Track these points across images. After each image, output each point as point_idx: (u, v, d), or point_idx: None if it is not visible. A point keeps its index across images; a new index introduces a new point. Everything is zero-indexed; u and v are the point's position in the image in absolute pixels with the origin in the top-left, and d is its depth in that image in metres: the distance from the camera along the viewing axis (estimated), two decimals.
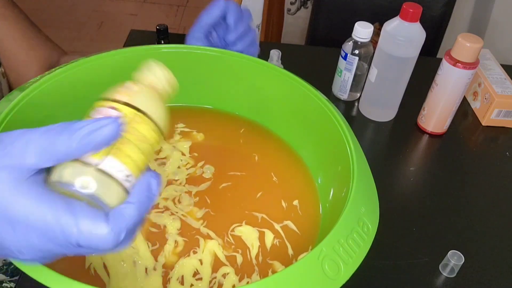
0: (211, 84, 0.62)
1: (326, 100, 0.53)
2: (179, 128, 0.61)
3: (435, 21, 1.14)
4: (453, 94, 0.70)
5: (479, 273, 0.56)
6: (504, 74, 0.81)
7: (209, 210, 0.51)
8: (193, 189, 0.53)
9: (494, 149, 0.75)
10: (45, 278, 0.33)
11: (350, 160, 0.46)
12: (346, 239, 0.39)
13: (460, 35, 0.67)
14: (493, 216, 0.63)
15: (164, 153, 0.57)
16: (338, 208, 0.45)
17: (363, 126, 0.77)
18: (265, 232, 0.50)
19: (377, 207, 0.44)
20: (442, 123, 0.74)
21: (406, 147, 0.74)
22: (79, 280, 0.32)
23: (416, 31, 0.67)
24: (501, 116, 0.77)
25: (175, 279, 0.45)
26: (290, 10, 1.72)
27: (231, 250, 0.48)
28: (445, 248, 0.56)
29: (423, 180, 0.69)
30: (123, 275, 0.44)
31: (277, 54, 0.80)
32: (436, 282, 0.54)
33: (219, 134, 0.61)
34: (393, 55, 0.69)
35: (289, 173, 0.57)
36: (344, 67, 0.76)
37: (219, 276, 0.46)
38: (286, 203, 0.53)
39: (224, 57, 0.59)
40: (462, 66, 0.66)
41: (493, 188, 0.68)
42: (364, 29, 0.72)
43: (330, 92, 0.82)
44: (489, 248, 0.59)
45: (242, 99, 0.62)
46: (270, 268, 0.47)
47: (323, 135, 0.54)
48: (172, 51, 0.59)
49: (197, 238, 0.48)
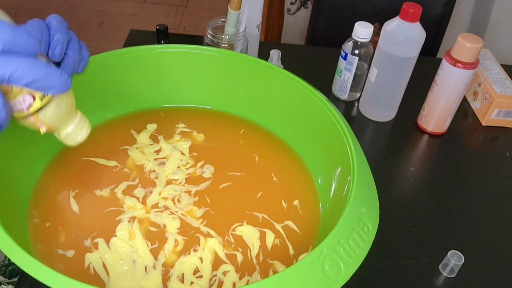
0: (211, 84, 0.62)
1: (326, 100, 0.53)
2: (179, 128, 0.61)
3: (435, 21, 1.14)
4: (453, 94, 0.70)
5: (479, 273, 0.56)
6: (504, 74, 0.81)
7: (208, 209, 0.51)
8: (193, 189, 0.53)
9: (494, 149, 0.75)
10: (45, 277, 0.33)
11: (350, 160, 0.46)
12: (347, 240, 0.39)
13: (460, 35, 0.67)
14: (493, 216, 0.63)
15: (164, 153, 0.57)
16: (338, 208, 0.45)
17: (363, 126, 0.77)
18: (266, 232, 0.50)
19: (377, 207, 0.44)
20: (442, 123, 0.74)
21: (406, 147, 0.74)
22: (79, 279, 0.32)
23: (416, 31, 0.67)
24: (501, 116, 0.77)
25: (175, 277, 0.45)
26: (290, 10, 1.72)
27: (231, 249, 0.48)
28: (445, 248, 0.56)
29: (423, 180, 0.69)
30: (123, 274, 0.44)
31: (277, 54, 0.80)
32: (436, 282, 0.54)
33: (219, 135, 0.61)
34: (393, 55, 0.69)
35: (289, 173, 0.57)
36: (344, 67, 0.76)
37: (220, 274, 0.46)
38: (286, 203, 0.53)
39: (224, 57, 0.59)
40: (462, 66, 0.66)
41: (493, 188, 0.68)
42: (364, 29, 0.72)
43: (330, 92, 0.82)
44: (489, 248, 0.59)
45: (242, 99, 0.62)
46: (270, 268, 0.47)
47: (323, 135, 0.54)
48: (172, 51, 0.59)
49: (197, 236, 0.48)
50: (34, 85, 0.34)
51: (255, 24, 0.78)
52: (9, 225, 0.39)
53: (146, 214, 0.50)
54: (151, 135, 0.59)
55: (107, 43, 2.19)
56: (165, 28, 0.80)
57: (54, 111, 0.39)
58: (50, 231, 0.47)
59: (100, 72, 0.56)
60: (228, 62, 0.59)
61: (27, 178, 0.51)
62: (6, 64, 0.31)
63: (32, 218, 0.48)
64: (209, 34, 0.70)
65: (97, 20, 2.35)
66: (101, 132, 0.59)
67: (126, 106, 0.62)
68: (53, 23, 0.45)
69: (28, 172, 0.51)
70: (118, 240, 0.47)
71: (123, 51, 0.57)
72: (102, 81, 0.57)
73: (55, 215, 0.49)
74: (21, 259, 0.34)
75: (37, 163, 0.53)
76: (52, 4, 2.42)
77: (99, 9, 2.43)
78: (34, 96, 0.36)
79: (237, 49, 0.71)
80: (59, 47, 0.44)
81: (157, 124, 0.61)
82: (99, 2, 2.48)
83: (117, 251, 0.46)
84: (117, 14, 2.41)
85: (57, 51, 0.45)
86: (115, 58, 0.57)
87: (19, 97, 0.36)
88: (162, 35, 0.80)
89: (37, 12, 2.34)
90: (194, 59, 0.60)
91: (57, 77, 0.35)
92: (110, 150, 0.56)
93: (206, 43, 0.71)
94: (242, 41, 0.72)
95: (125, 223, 0.49)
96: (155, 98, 0.63)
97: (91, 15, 2.38)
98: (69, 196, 0.51)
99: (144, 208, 0.51)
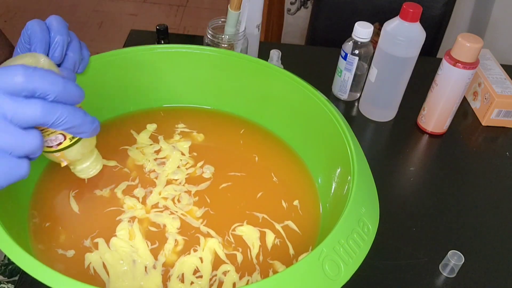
0: (211, 84, 0.62)
1: (326, 100, 0.53)
2: (179, 128, 0.61)
3: (435, 21, 1.14)
4: (453, 94, 0.70)
5: (479, 273, 0.56)
6: (504, 74, 0.81)
7: (208, 209, 0.51)
8: (193, 189, 0.53)
9: (494, 149, 0.75)
10: (45, 277, 0.33)
11: (350, 160, 0.46)
12: (347, 240, 0.39)
13: (460, 35, 0.67)
14: (493, 216, 0.63)
15: (164, 153, 0.57)
16: (338, 208, 0.45)
17: (363, 126, 0.77)
18: (266, 232, 0.50)
19: (377, 207, 0.44)
20: (442, 123, 0.74)
21: (406, 147, 0.74)
22: (79, 279, 0.32)
23: (416, 31, 0.67)
24: (501, 116, 0.77)
25: (175, 277, 0.45)
26: (290, 10, 1.72)
27: (231, 249, 0.48)
28: (445, 248, 0.56)
29: (423, 180, 0.69)
30: (123, 274, 0.44)
31: (277, 54, 0.80)
32: (436, 282, 0.54)
33: (219, 135, 0.61)
34: (393, 55, 0.69)
35: (289, 173, 0.57)
36: (344, 67, 0.76)
37: (220, 274, 0.46)
38: (286, 203, 0.53)
39: (224, 57, 0.59)
40: (462, 66, 0.66)
41: (493, 188, 0.68)
42: (364, 29, 0.72)
43: (330, 92, 0.82)
44: (489, 248, 0.59)
45: (242, 99, 0.62)
46: (270, 268, 0.47)
47: (323, 135, 0.54)
48: (172, 51, 0.59)
49: (197, 236, 0.48)
50: (69, 130, 0.37)
51: (255, 24, 0.78)
52: (9, 225, 0.39)
53: (146, 214, 0.50)
54: (151, 135, 0.59)
55: (107, 43, 2.19)
56: (165, 28, 0.80)
57: (78, 150, 0.42)
58: (50, 231, 0.47)
59: (100, 72, 0.56)
60: (228, 62, 0.59)
61: (27, 178, 0.51)
62: (53, 113, 0.34)
63: (32, 218, 0.48)
64: (209, 34, 0.70)
65: (97, 20, 2.35)
66: (101, 132, 0.58)
67: (126, 106, 0.62)
68: (53, 25, 0.45)
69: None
70: (118, 240, 0.47)
71: (123, 51, 0.57)
72: (102, 81, 0.57)
73: (55, 215, 0.49)
74: (21, 259, 0.34)
75: (37, 162, 0.53)
76: (52, 4, 2.42)
77: (99, 9, 2.43)
78: (65, 136, 0.40)
79: (237, 49, 0.71)
80: (59, 49, 0.45)
81: (157, 124, 0.61)
82: (99, 2, 2.48)
83: (117, 251, 0.46)
84: (117, 14, 2.41)
85: (57, 53, 0.45)
86: (115, 58, 0.57)
87: (53, 136, 0.39)
88: (162, 35, 0.80)
89: (37, 12, 2.34)
90: (194, 59, 0.60)
91: (89, 125, 0.38)
92: (110, 150, 0.56)
93: (206, 43, 0.71)
94: (242, 41, 0.72)
95: (125, 223, 0.49)
96: (155, 98, 0.63)
97: (91, 15, 2.38)
98: (69, 196, 0.51)
99: (144, 208, 0.51)
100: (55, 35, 0.44)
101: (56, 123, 0.34)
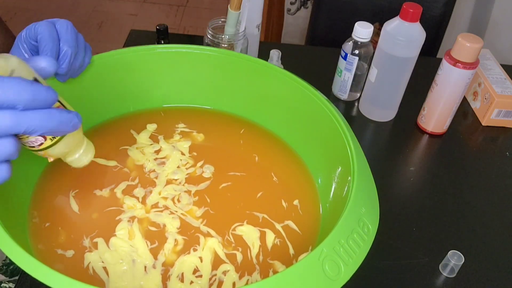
0: (211, 84, 0.62)
1: (326, 100, 0.53)
2: (179, 128, 0.61)
3: (435, 21, 1.14)
4: (453, 94, 0.70)
5: (479, 273, 0.56)
6: (504, 74, 0.81)
7: (208, 209, 0.51)
8: (193, 189, 0.53)
9: (494, 149, 0.75)
10: (45, 277, 0.33)
11: (350, 160, 0.46)
12: (347, 240, 0.39)
13: (460, 35, 0.67)
14: (493, 216, 0.63)
15: (164, 153, 0.57)
16: (339, 208, 0.45)
17: (363, 126, 0.77)
18: (266, 232, 0.50)
19: (377, 207, 0.44)
20: (442, 123, 0.74)
21: (406, 147, 0.74)
22: (79, 279, 0.32)
23: (416, 31, 0.67)
24: (501, 116, 0.77)
25: (175, 277, 0.45)
26: (290, 10, 1.72)
27: (231, 248, 0.48)
28: (445, 248, 0.56)
29: (423, 180, 0.68)
30: (122, 273, 0.44)
31: (277, 54, 0.80)
32: (436, 282, 0.54)
33: (219, 135, 0.61)
34: (393, 55, 0.69)
35: (289, 173, 0.57)
36: (344, 67, 0.76)
37: (219, 274, 0.46)
38: (286, 203, 0.53)
39: (224, 57, 0.59)
40: (462, 66, 0.66)
41: (493, 188, 0.68)
42: (364, 29, 0.72)
43: (330, 92, 0.82)
44: (489, 248, 0.59)
45: (242, 99, 0.62)
46: (270, 268, 0.47)
47: (323, 135, 0.54)
48: (172, 51, 0.59)
49: (197, 236, 0.48)
50: (46, 134, 0.37)
51: (255, 24, 0.78)
52: (9, 225, 0.39)
53: (146, 213, 0.50)
54: (151, 135, 0.59)
55: (107, 43, 2.19)
56: (165, 28, 0.80)
57: (62, 147, 0.41)
58: (50, 231, 0.47)
59: (100, 72, 0.56)
60: (228, 62, 0.59)
61: (27, 178, 0.51)
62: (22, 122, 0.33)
63: (32, 218, 0.48)
64: (209, 34, 0.70)
65: (97, 20, 2.35)
66: (101, 132, 0.59)
67: (126, 106, 0.62)
68: (62, 33, 0.45)
69: (28, 172, 0.51)
70: (118, 240, 0.47)
71: (123, 51, 0.57)
72: (102, 81, 0.57)
73: (55, 215, 0.49)
74: (21, 259, 0.34)
75: (37, 162, 0.53)
76: (52, 4, 2.42)
77: (99, 9, 2.43)
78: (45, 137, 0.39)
79: (237, 49, 0.71)
80: (66, 61, 0.45)
81: (157, 124, 0.61)
82: (99, 2, 2.48)
83: (117, 250, 0.46)
84: (117, 14, 2.41)
85: (64, 65, 0.45)
86: (115, 58, 0.57)
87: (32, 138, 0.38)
88: (162, 35, 0.80)
89: (37, 12, 2.34)
90: (194, 59, 0.60)
91: (67, 124, 0.37)
92: (110, 150, 0.56)
93: (206, 43, 0.71)
94: (242, 41, 0.72)
95: (125, 222, 0.49)
96: (155, 98, 0.63)
97: (91, 15, 2.38)
98: (69, 196, 0.51)
99: (144, 207, 0.51)
100: (63, 45, 0.44)
101: (28, 131, 0.34)
